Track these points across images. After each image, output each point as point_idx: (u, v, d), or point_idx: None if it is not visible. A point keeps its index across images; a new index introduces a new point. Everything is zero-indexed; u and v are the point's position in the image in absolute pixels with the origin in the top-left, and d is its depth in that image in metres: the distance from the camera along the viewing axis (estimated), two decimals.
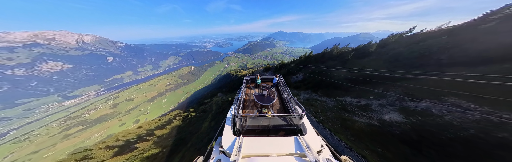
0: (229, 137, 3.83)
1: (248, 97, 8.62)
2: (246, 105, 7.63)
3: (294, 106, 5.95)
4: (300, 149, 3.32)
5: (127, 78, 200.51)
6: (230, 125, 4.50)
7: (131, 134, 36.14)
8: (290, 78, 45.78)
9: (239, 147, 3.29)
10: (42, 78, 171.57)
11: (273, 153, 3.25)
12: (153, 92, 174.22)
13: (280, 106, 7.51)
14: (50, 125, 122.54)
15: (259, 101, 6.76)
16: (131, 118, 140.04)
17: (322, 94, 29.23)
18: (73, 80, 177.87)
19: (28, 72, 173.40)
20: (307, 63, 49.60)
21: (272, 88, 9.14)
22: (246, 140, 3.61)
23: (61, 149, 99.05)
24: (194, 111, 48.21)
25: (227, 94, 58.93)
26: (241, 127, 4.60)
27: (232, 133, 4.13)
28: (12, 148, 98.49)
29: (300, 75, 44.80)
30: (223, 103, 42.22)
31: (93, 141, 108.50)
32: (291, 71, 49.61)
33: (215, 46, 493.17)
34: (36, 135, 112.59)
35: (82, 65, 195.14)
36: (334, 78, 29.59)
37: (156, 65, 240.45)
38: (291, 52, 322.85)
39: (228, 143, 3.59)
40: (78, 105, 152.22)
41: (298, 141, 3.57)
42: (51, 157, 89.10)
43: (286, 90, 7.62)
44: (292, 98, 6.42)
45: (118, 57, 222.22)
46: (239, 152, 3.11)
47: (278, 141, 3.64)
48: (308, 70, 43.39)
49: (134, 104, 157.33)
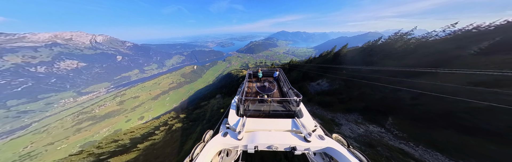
0: (234, 118, 4.36)
1: (250, 89, 9.19)
2: (249, 96, 8.20)
3: (293, 96, 6.32)
4: (296, 127, 3.82)
5: (134, 76, 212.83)
6: (234, 109, 4.98)
7: (106, 148, 35.33)
8: (306, 86, 31.83)
9: (243, 124, 3.81)
10: (60, 75, 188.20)
11: (272, 129, 3.82)
12: (157, 90, 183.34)
13: (279, 96, 8.16)
14: (65, 119, 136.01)
15: (261, 90, 7.60)
16: (136, 115, 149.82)
17: (402, 131, 13.33)
18: (86, 77, 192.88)
19: (48, 69, 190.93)
20: (336, 63, 33.62)
21: (274, 82, 9.78)
22: (249, 120, 4.17)
23: (73, 142, 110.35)
24: (185, 118, 45.05)
25: (225, 97, 56.60)
26: (244, 111, 5.12)
27: (236, 115, 4.65)
28: (33, 139, 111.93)
29: (324, 82, 30.16)
30: (217, 110, 39.37)
31: (101, 135, 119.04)
32: (309, 75, 34.97)
33: (217, 46, 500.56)
34: (53, 127, 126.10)
35: (95, 64, 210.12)
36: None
37: (161, 64, 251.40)
38: (293, 52, 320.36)
39: (233, 122, 4.11)
40: (90, 100, 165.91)
41: (295, 122, 4.05)
42: (64, 150, 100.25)
43: (285, 83, 8.13)
44: (291, 88, 6.83)
45: (127, 56, 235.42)
46: (243, 127, 3.63)
47: (277, 121, 4.18)
48: (340, 73, 27.88)
49: (139, 101, 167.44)
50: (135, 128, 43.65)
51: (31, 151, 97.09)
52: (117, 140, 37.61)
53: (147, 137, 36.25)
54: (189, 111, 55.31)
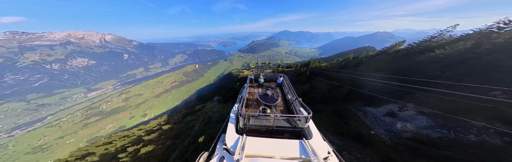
0: (233, 135, 3.86)
1: (251, 96, 8.54)
2: (249, 103, 7.61)
3: (299, 108, 5.74)
4: (305, 154, 3.23)
5: (138, 74, 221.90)
6: (233, 123, 4.53)
7: None
8: (358, 115, 16.87)
9: (243, 146, 3.29)
10: (72, 72, 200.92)
11: (276, 155, 3.21)
12: (160, 88, 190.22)
13: (283, 106, 7.35)
14: (75, 113, 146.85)
15: (263, 100, 6.72)
16: (139, 112, 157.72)
17: None
18: (95, 74, 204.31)
19: (62, 67, 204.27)
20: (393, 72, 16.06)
21: (276, 88, 8.88)
22: (250, 139, 3.62)
23: (81, 136, 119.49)
24: (168, 131, 35.80)
25: (221, 103, 51.03)
26: (244, 125, 4.62)
27: (235, 131, 4.15)
28: (46, 132, 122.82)
29: (410, 111, 12.75)
30: (207, 123, 33.60)
31: (106, 131, 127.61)
32: (360, 93, 17.27)
33: (219, 46, 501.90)
34: (64, 121, 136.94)
35: (103, 62, 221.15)
36: None
37: (165, 63, 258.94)
38: (296, 53, 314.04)
39: (232, 141, 3.61)
40: (98, 96, 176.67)
41: (303, 145, 3.45)
42: (72, 144, 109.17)
43: (290, 91, 7.39)
44: (297, 99, 6.07)
45: (133, 54, 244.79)
46: (242, 151, 3.12)
47: (282, 143, 3.58)
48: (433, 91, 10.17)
49: (143, 99, 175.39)
50: (119, 136, 38.03)
51: (43, 144, 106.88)
52: (88, 154, 30.42)
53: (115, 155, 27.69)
54: (181, 116, 51.76)
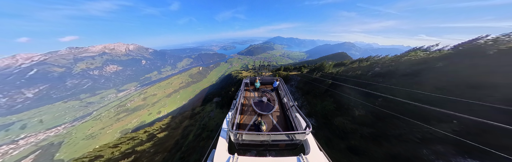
0: (223, 155, 3.55)
1: (247, 100, 8.20)
2: (245, 109, 7.28)
3: (295, 113, 5.59)
4: None
5: (153, 77, 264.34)
6: (225, 138, 4.14)
7: None
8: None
9: None
10: (106, 77, 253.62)
11: None
12: (170, 89, 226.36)
13: (280, 112, 7.05)
14: (109, 110, 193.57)
15: (259, 108, 6.46)
16: (155, 109, 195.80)
17: None
18: (122, 78, 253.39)
19: (100, 72, 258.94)
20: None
21: (272, 92, 8.74)
22: (241, 160, 3.31)
23: (115, 128, 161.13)
24: (153, 150, 30.59)
25: (218, 107, 50.84)
26: (236, 140, 4.28)
27: (226, 148, 3.85)
28: (93, 124, 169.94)
29: None
30: (201, 132, 33.38)
31: (132, 124, 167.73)
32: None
33: (220, 49, 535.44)
34: (103, 116, 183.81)
35: (127, 67, 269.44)
36: None
37: (174, 66, 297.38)
38: (288, 55, 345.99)
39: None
40: (125, 96, 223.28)
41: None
42: (111, 133, 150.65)
43: (287, 95, 7.16)
44: (294, 105, 5.88)
45: (149, 60, 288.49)
46: None
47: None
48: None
49: (157, 98, 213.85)
50: (127, 138, 38.20)
51: (92, 132, 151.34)
52: (95, 158, 28.55)
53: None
54: (181, 120, 49.43)
